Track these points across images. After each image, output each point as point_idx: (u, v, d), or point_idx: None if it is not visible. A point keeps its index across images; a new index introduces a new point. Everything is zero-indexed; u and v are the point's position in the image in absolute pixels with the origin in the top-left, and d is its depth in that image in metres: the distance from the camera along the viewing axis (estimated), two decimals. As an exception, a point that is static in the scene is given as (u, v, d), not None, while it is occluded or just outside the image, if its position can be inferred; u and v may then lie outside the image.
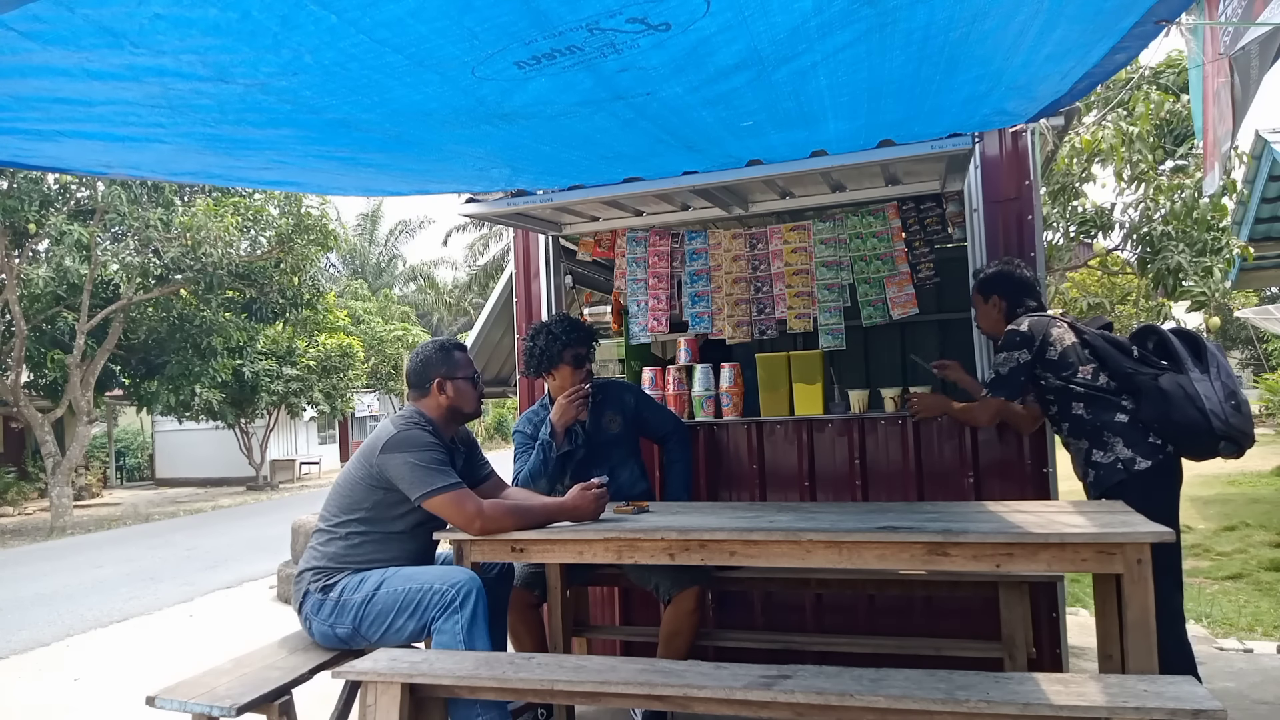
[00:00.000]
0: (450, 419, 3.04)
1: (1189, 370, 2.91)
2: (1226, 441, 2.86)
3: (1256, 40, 2.75)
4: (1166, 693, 1.91)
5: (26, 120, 2.08)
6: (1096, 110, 7.00)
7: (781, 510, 2.98)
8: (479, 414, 3.15)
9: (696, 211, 4.30)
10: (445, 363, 3.02)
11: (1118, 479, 2.94)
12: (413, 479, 2.78)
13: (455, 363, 3.03)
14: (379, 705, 2.42)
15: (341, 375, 22.46)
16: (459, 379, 3.01)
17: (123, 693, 4.96)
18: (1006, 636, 3.11)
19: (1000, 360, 3.12)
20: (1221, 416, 2.85)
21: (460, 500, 2.77)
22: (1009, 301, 3.30)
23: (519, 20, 1.67)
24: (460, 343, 3.19)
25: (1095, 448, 3.01)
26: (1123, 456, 2.95)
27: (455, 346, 3.12)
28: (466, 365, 3.06)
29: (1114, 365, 3.03)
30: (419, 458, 2.79)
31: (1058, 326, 3.14)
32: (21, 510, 18.73)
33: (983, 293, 3.35)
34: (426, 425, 2.92)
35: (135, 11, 1.52)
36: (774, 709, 2.12)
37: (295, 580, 2.96)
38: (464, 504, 2.77)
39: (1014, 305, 3.29)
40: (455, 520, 2.79)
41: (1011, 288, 3.30)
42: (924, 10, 1.85)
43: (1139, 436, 2.95)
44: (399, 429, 2.87)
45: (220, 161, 2.62)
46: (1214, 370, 2.92)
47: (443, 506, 2.77)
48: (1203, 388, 2.89)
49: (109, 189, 14.10)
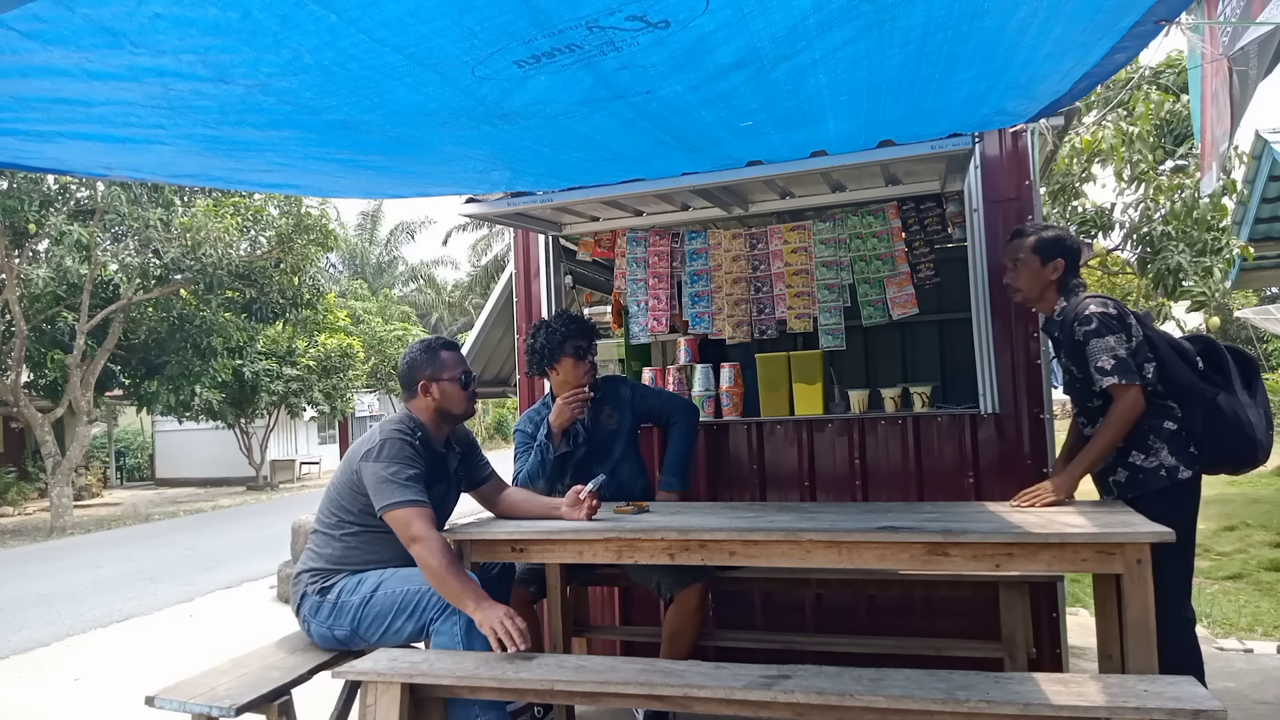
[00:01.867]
0: (441, 420, 3.00)
1: (1237, 392, 2.82)
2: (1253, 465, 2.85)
3: (1255, 40, 2.75)
4: (1166, 693, 1.91)
5: (27, 121, 2.08)
6: (1096, 110, 7.00)
7: (781, 510, 2.98)
8: (469, 414, 3.08)
9: (696, 211, 4.30)
10: (431, 364, 2.97)
11: (1159, 485, 2.81)
12: (376, 490, 2.75)
13: (441, 363, 2.97)
14: (379, 705, 2.42)
15: (341, 375, 22.46)
16: (444, 380, 2.95)
17: (122, 693, 4.95)
18: (1006, 636, 3.11)
19: (1111, 344, 2.77)
20: (1266, 447, 2.82)
21: (408, 519, 2.69)
22: (1068, 270, 3.01)
23: (518, 19, 1.67)
24: (450, 341, 3.11)
25: (1137, 449, 2.85)
26: (1167, 464, 2.81)
27: (443, 346, 3.04)
28: (454, 365, 2.99)
29: (1173, 370, 2.85)
30: (386, 470, 2.75)
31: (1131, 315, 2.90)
32: (21, 510, 18.73)
33: (1043, 253, 3.00)
34: (412, 432, 2.87)
35: (135, 11, 1.51)
36: (774, 709, 2.12)
37: (293, 582, 2.96)
38: (410, 524, 2.68)
39: (1069, 275, 3.01)
40: (399, 536, 2.72)
41: (1073, 256, 3.02)
42: (923, 7, 1.85)
43: (1182, 445, 2.83)
44: (382, 437, 2.84)
45: (221, 163, 2.62)
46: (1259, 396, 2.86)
47: (394, 521, 2.72)
48: (1251, 415, 2.82)
49: (109, 189, 14.10)
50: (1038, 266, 3.00)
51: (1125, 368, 2.76)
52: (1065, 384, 3.07)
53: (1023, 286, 3.07)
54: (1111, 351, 2.78)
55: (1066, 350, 2.94)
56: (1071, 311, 2.91)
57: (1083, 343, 2.83)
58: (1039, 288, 3.03)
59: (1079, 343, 2.84)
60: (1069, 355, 2.93)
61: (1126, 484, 2.88)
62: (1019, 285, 3.07)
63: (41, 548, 12.91)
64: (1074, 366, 2.93)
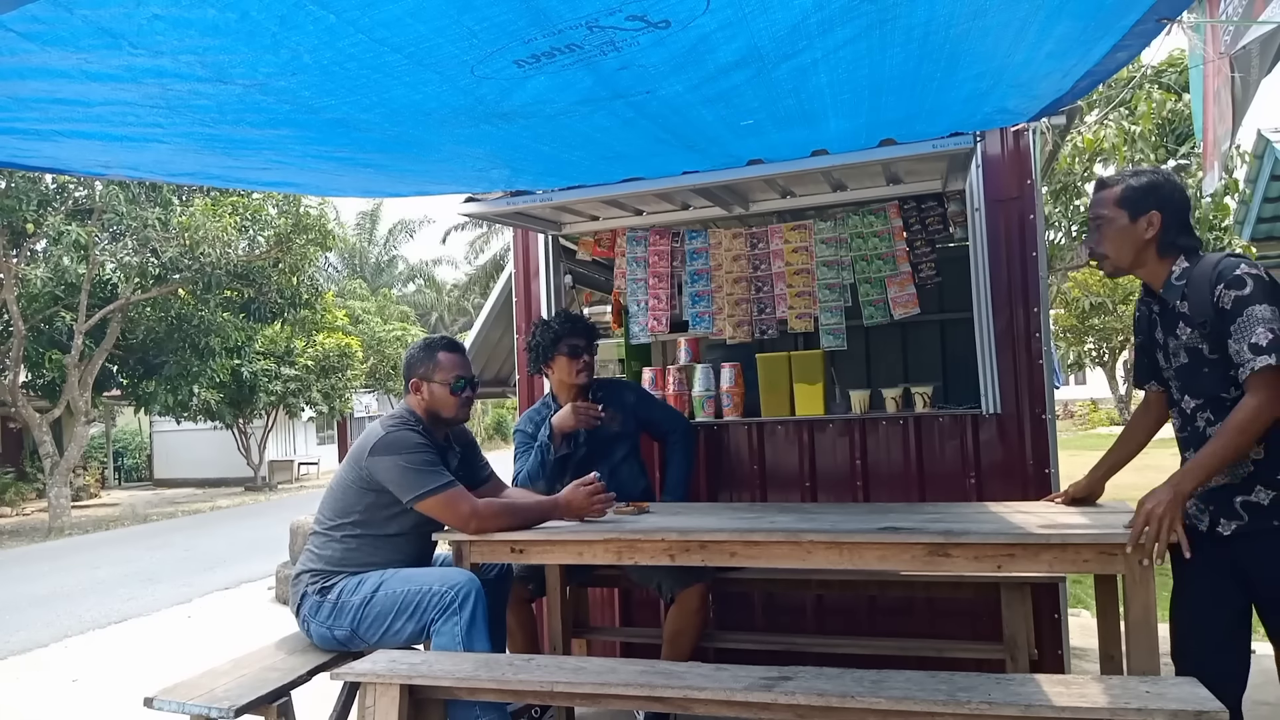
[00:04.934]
0: (434, 421, 2.96)
1: None
2: None
3: (1257, 40, 2.75)
4: (1169, 694, 1.91)
5: (25, 120, 2.07)
6: (1098, 109, 7.00)
7: (782, 511, 2.98)
8: (460, 420, 3.02)
9: (697, 211, 4.30)
10: (424, 363, 2.94)
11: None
12: (403, 481, 2.74)
13: (436, 364, 2.92)
14: (378, 707, 2.41)
15: (340, 375, 22.47)
16: (435, 382, 2.91)
17: (121, 694, 4.94)
18: (1008, 638, 3.11)
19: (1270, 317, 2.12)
20: None
21: (454, 500, 2.73)
22: (1170, 225, 2.32)
23: (518, 19, 1.66)
24: (451, 342, 3.06)
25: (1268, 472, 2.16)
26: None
27: (443, 346, 2.99)
28: (450, 368, 2.93)
29: None
30: (408, 459, 2.74)
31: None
32: (19, 511, 18.72)
33: (1132, 206, 2.34)
34: (415, 425, 2.87)
35: (134, 12, 1.51)
36: (775, 710, 2.11)
37: (293, 582, 2.95)
38: (458, 504, 2.73)
39: (1174, 232, 2.32)
40: (449, 520, 2.76)
41: (1176, 206, 2.33)
42: (924, 7, 1.84)
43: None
44: (387, 430, 2.83)
45: (219, 162, 2.61)
46: None
47: (436, 507, 2.74)
48: None
49: (107, 189, 14.09)
50: (1126, 223, 2.34)
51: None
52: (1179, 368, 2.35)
53: (1110, 252, 2.40)
54: (1269, 325, 2.11)
55: (1196, 320, 2.25)
56: (1209, 271, 2.23)
57: (1231, 311, 2.16)
58: (1131, 250, 2.36)
59: (1224, 311, 2.18)
60: (1200, 326, 2.25)
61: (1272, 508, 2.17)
62: (1105, 250, 2.40)
63: (39, 548, 12.90)
64: (1204, 343, 2.24)
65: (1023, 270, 3.65)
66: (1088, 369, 29.82)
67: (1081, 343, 25.41)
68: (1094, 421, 29.89)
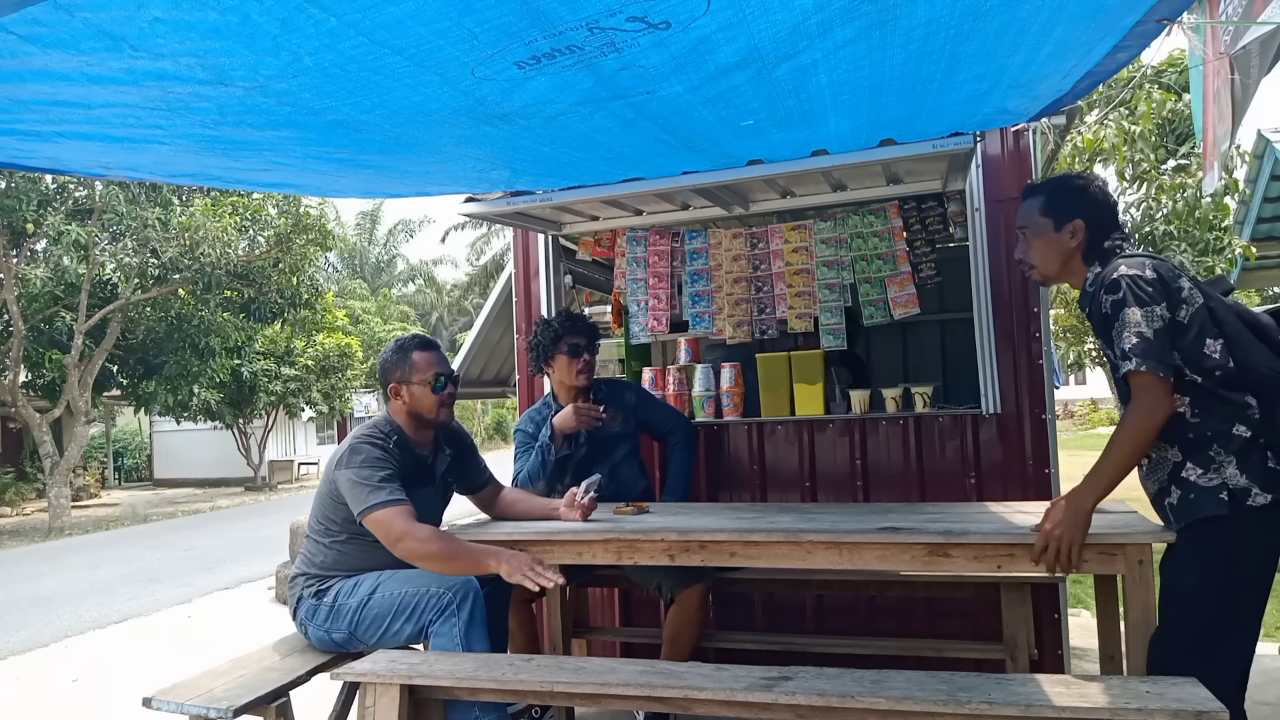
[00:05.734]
0: (418, 425, 2.91)
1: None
2: None
3: (1257, 40, 2.75)
4: (1169, 694, 1.91)
5: (25, 122, 2.07)
6: (1098, 109, 7.00)
7: (782, 511, 2.98)
8: (444, 420, 2.94)
9: (697, 211, 4.30)
10: (400, 365, 2.87)
11: (1213, 511, 2.09)
12: (352, 496, 2.70)
13: (412, 365, 2.86)
14: (378, 707, 2.41)
15: (340, 375, 22.47)
16: (414, 384, 2.85)
17: (120, 694, 4.94)
18: (1008, 638, 3.11)
19: (1138, 320, 2.08)
20: None
21: (389, 519, 2.64)
22: (1094, 231, 2.28)
23: (519, 21, 1.66)
24: (426, 340, 2.97)
25: (1193, 462, 2.12)
26: (1233, 484, 2.08)
27: (416, 345, 2.91)
28: (427, 366, 2.86)
29: (1247, 353, 2.11)
30: (356, 473, 2.70)
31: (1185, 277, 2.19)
32: (20, 511, 18.72)
33: (1054, 213, 2.31)
34: (386, 436, 2.81)
35: (135, 15, 1.51)
36: (775, 710, 2.11)
37: (289, 584, 2.95)
38: (392, 524, 2.64)
39: (1101, 236, 2.27)
40: (382, 538, 2.66)
41: (1098, 210, 2.30)
42: (925, 7, 1.85)
43: (1258, 459, 2.09)
44: (351, 443, 2.79)
45: (219, 163, 2.61)
46: None
47: (374, 524, 2.67)
48: None
49: (107, 189, 14.10)
50: (1050, 233, 2.32)
51: (1149, 350, 2.06)
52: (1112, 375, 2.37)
53: (1036, 261, 2.37)
54: (1137, 329, 2.08)
55: (1097, 329, 2.25)
56: (1102, 278, 2.20)
57: (1111, 316, 2.15)
58: (1057, 260, 2.34)
59: (1107, 317, 2.17)
60: (1101, 335, 2.24)
61: (1179, 508, 2.15)
62: (1031, 260, 2.36)
63: (39, 548, 12.90)
64: (1108, 349, 2.21)
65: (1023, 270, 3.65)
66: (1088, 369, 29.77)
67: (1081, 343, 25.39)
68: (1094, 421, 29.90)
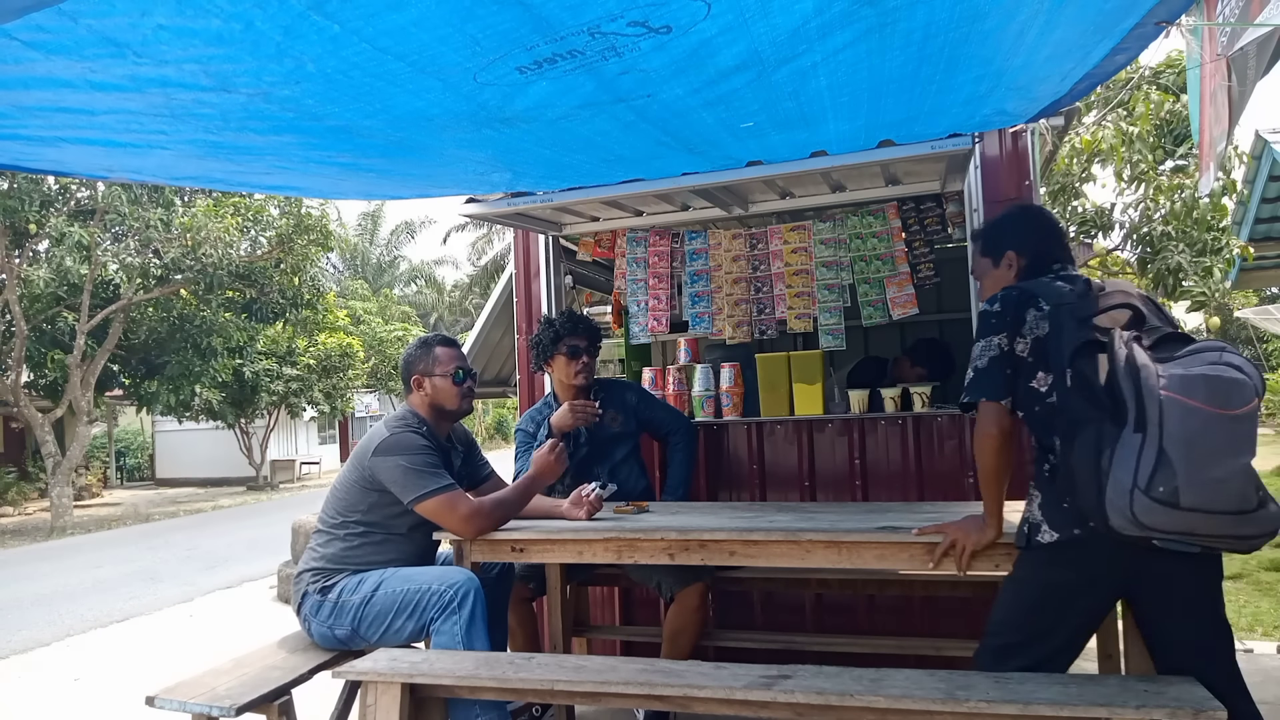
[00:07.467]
0: (438, 417, 3.02)
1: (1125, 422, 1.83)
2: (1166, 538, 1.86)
3: (1254, 41, 2.76)
4: (1167, 692, 1.92)
5: (29, 127, 2.09)
6: (1096, 110, 7.02)
7: (781, 510, 2.99)
8: (466, 411, 3.10)
9: (696, 211, 4.31)
10: (424, 359, 3.01)
11: (1016, 542, 2.19)
12: (405, 482, 2.77)
13: (435, 358, 3.00)
14: (379, 705, 2.42)
15: (341, 375, 22.47)
16: (437, 375, 2.99)
17: (123, 693, 4.96)
18: (1006, 636, 3.11)
19: (978, 351, 2.17)
20: (1127, 512, 1.81)
21: (453, 502, 2.77)
22: (1030, 259, 2.28)
23: (521, 26, 1.67)
24: (447, 337, 3.14)
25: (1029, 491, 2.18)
26: (1032, 519, 2.13)
27: (439, 341, 3.07)
28: (448, 360, 3.00)
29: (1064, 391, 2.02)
30: (410, 460, 2.78)
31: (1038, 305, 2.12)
32: (22, 510, 18.73)
33: (990, 250, 2.38)
34: (419, 426, 2.91)
35: (139, 21, 1.52)
36: (774, 709, 2.12)
37: (294, 581, 2.97)
38: (456, 506, 2.77)
39: (1038, 262, 2.27)
40: (447, 523, 2.78)
41: (1031, 237, 2.31)
42: (924, 10, 1.86)
43: (1054, 497, 2.07)
44: (391, 432, 2.86)
45: (222, 167, 2.63)
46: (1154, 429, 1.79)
47: (434, 510, 2.77)
48: (1122, 458, 1.82)
49: (109, 190, 14.11)
50: (991, 269, 2.39)
51: (976, 381, 2.13)
52: None
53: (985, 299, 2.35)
54: (973, 363, 2.16)
55: None
56: None
57: None
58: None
59: None
60: None
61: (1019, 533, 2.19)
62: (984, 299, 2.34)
63: (41, 548, 12.92)
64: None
65: None
66: (1088, 368, 29.72)
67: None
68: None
